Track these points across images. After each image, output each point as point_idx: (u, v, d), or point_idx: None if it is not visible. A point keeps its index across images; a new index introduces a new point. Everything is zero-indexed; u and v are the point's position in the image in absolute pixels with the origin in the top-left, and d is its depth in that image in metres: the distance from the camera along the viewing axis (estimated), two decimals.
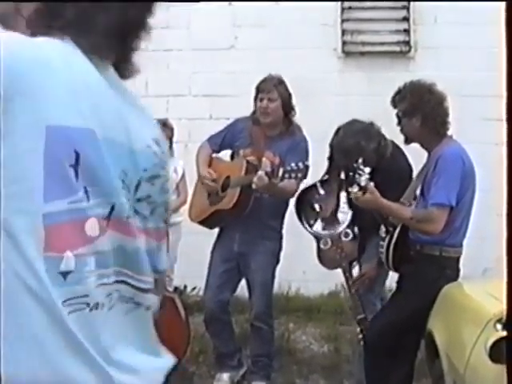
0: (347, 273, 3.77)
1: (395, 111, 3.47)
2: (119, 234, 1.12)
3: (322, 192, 3.93)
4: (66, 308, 1.04)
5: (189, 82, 5.86)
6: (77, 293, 1.05)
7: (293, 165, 3.67)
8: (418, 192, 3.45)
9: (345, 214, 3.82)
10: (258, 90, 4.08)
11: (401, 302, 3.43)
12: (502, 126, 1.11)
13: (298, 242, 4.06)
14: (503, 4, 1.81)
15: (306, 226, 3.98)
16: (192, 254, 4.63)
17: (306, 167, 3.71)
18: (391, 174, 3.62)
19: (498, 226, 1.86)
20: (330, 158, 3.94)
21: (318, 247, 3.95)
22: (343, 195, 3.83)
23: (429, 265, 3.33)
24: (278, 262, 4.16)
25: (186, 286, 5.40)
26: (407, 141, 3.48)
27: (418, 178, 3.48)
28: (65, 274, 1.04)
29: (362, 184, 3.16)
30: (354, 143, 3.59)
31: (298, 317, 5.11)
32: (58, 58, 1.06)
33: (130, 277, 1.14)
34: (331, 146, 3.76)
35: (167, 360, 1.30)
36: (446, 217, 3.25)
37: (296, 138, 4.08)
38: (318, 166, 4.08)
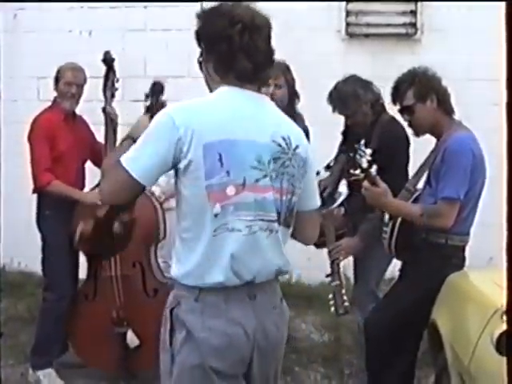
0: (331, 245, 3.75)
1: (397, 108, 3.39)
2: (252, 193, 2.04)
3: (324, 175, 3.94)
4: (214, 232, 2.02)
5: (188, 63, 5.74)
6: (221, 224, 2.02)
7: None
8: (423, 179, 3.37)
9: (341, 194, 3.85)
10: None
11: (404, 291, 3.35)
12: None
13: None
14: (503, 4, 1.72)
15: None
16: None
17: None
18: (387, 140, 3.61)
19: (504, 214, 1.78)
20: (341, 145, 3.96)
21: None
22: (344, 178, 3.84)
23: (434, 253, 3.24)
24: None
25: None
26: (419, 133, 3.38)
27: (425, 164, 3.39)
28: (216, 215, 2.01)
29: (363, 165, 3.08)
30: (352, 90, 3.66)
31: (298, 305, 5.06)
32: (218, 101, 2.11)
33: (264, 216, 2.07)
34: (330, 95, 3.75)
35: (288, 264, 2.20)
36: (456, 211, 3.17)
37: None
38: (322, 150, 3.99)
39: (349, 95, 3.68)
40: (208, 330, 2.04)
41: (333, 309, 3.64)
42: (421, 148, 3.52)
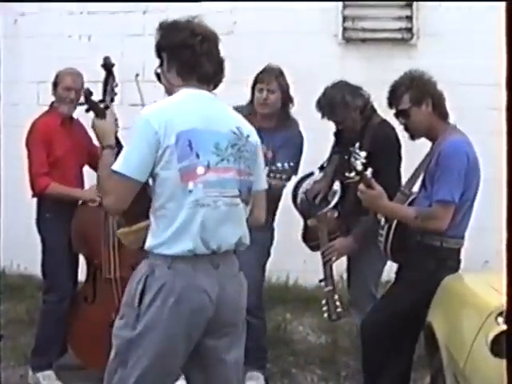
0: (324, 248, 3.78)
1: (393, 111, 3.42)
2: (215, 174, 2.40)
3: (318, 177, 3.97)
4: (188, 207, 2.36)
5: None
6: (193, 200, 2.36)
7: (279, 165, 3.66)
8: (419, 182, 3.40)
9: (334, 196, 3.86)
10: (257, 80, 4.01)
11: (400, 293, 3.38)
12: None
13: (296, 232, 4.03)
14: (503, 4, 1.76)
15: (300, 209, 4.00)
16: None
17: (291, 168, 3.70)
18: (378, 143, 3.63)
19: (500, 217, 1.81)
20: (334, 147, 3.98)
21: (305, 226, 3.96)
22: (337, 180, 3.85)
23: (429, 255, 3.27)
24: (269, 255, 4.10)
25: None
26: (415, 137, 3.41)
27: (420, 167, 3.42)
28: (190, 191, 2.36)
29: (358, 168, 3.11)
30: (340, 97, 3.68)
31: (295, 307, 5.09)
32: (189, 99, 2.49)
33: (226, 192, 2.43)
34: (318, 102, 3.77)
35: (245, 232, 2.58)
36: (451, 213, 3.20)
37: (291, 132, 4.01)
38: (317, 154, 4.03)
39: (337, 103, 3.68)
40: (177, 295, 2.35)
41: (326, 314, 3.69)
42: (416, 151, 3.55)
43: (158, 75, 2.59)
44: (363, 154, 3.11)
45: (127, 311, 2.42)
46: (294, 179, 3.99)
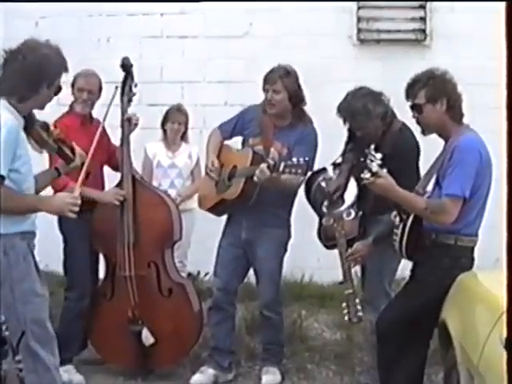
0: (343, 249, 3.78)
1: (409, 104, 3.44)
2: None
3: (332, 174, 3.95)
4: None
5: (203, 69, 5.86)
6: None
7: (294, 160, 3.69)
8: (433, 181, 3.42)
9: (350, 195, 3.85)
10: (264, 80, 4.07)
11: (415, 291, 3.42)
12: None
13: (311, 230, 4.07)
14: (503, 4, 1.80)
15: (314, 205, 4.00)
16: (206, 240, 4.66)
17: (307, 163, 3.72)
18: (398, 148, 3.64)
19: (504, 217, 1.86)
20: (347, 143, 3.97)
21: (320, 224, 3.97)
22: (352, 179, 3.85)
23: (443, 253, 3.32)
24: (285, 250, 4.16)
25: (199, 272, 5.44)
26: (426, 132, 3.44)
27: (434, 166, 3.45)
28: None
29: (374, 170, 3.15)
30: (362, 105, 3.68)
31: (310, 304, 5.13)
32: None
33: None
34: (339, 109, 3.77)
35: None
36: (459, 208, 3.24)
37: (305, 129, 4.06)
38: (331, 153, 4.07)
39: (359, 111, 3.68)
40: None
41: (346, 317, 3.72)
42: (431, 150, 3.59)
43: None
44: (379, 155, 3.15)
45: None
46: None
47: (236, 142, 4.30)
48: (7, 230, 2.84)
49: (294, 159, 3.70)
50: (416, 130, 3.59)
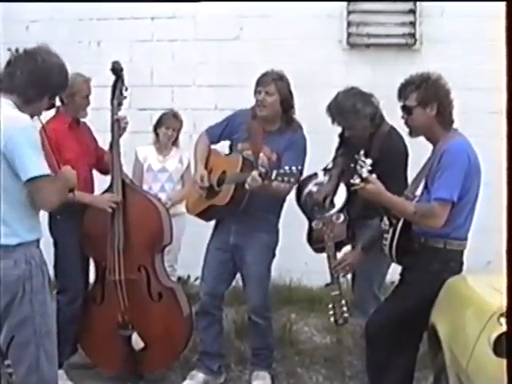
0: (331, 252, 3.80)
1: (400, 104, 3.45)
2: None
3: (322, 179, 3.98)
4: None
5: (194, 73, 5.86)
6: None
7: (286, 168, 3.67)
8: (422, 185, 3.43)
9: (340, 199, 3.87)
10: (256, 83, 4.07)
11: (404, 295, 3.44)
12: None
13: (300, 233, 4.08)
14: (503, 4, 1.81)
15: (304, 209, 4.01)
16: (196, 244, 4.65)
17: (300, 172, 3.73)
18: (387, 152, 3.66)
19: (502, 219, 1.87)
20: (338, 149, 4.01)
21: (310, 228, 3.98)
22: (342, 184, 3.87)
23: (432, 257, 3.34)
24: (274, 255, 4.16)
25: (189, 276, 5.43)
26: (413, 133, 3.46)
27: (423, 170, 3.47)
28: None
29: (364, 175, 3.17)
30: (351, 104, 3.70)
31: (300, 308, 5.14)
32: None
33: None
34: (329, 107, 3.79)
35: None
36: (447, 212, 3.26)
37: (295, 135, 4.06)
38: (321, 158, 4.08)
39: (348, 109, 3.71)
40: None
41: (332, 319, 3.73)
42: (418, 154, 3.61)
43: None
44: (369, 161, 3.16)
45: None
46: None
47: (223, 146, 4.29)
48: (26, 238, 2.76)
49: (287, 167, 3.68)
50: (404, 130, 3.60)
